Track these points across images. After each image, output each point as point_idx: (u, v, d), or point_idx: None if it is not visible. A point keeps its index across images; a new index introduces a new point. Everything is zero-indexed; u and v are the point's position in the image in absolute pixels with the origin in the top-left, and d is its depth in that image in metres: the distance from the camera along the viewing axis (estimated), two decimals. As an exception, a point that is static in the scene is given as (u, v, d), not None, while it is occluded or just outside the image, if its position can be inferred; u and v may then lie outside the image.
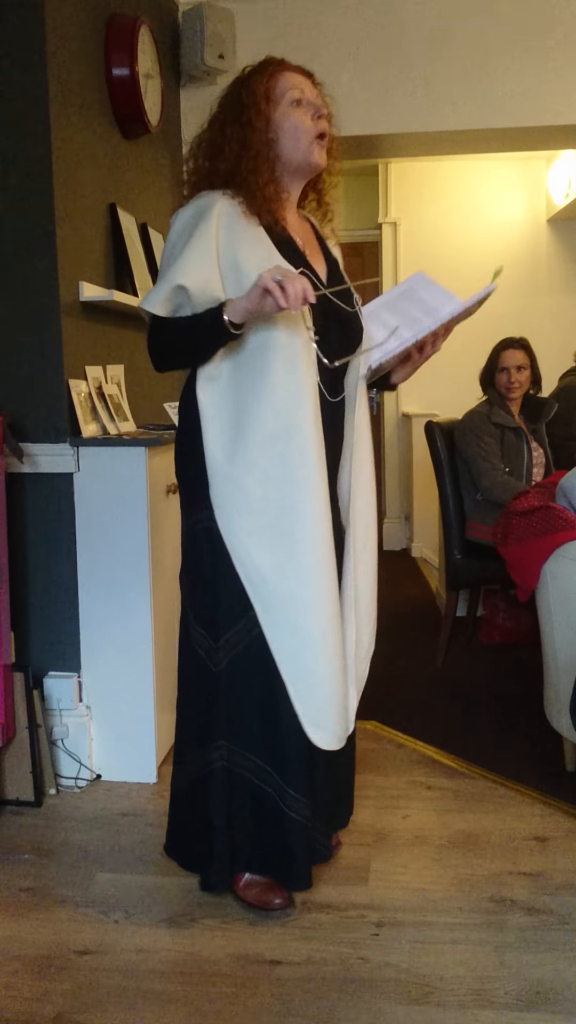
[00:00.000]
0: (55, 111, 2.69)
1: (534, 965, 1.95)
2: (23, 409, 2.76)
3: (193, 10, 3.88)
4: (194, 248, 1.95)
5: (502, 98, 3.99)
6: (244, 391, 1.99)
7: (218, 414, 2.02)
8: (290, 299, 1.80)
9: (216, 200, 2.00)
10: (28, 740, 2.69)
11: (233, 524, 2.01)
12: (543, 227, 6.23)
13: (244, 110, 2.00)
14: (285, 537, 2.00)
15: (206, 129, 2.08)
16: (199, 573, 2.08)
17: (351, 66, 4.02)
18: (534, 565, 2.83)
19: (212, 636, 2.07)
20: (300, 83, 2.06)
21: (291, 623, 2.02)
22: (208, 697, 2.09)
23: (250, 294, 1.86)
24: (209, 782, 2.10)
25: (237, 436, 1.99)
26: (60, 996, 1.88)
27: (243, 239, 1.98)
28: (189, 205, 2.04)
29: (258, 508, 1.99)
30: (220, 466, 2.01)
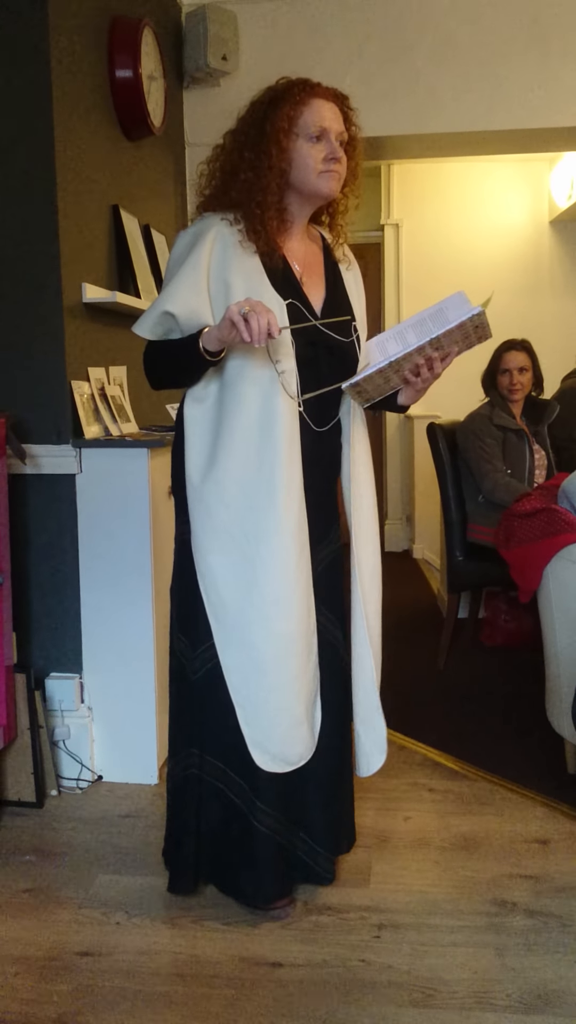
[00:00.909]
0: (58, 113, 2.70)
1: (536, 968, 1.95)
2: (26, 410, 2.76)
3: (196, 12, 3.88)
4: (185, 275, 1.97)
5: (505, 100, 3.99)
6: (224, 415, 2.01)
7: (199, 434, 2.05)
8: (253, 333, 1.80)
9: (212, 225, 2.00)
10: (30, 741, 2.69)
11: (200, 542, 2.04)
12: (545, 229, 6.22)
13: (263, 139, 1.97)
14: (248, 563, 1.99)
15: (225, 146, 2.07)
16: (183, 583, 2.12)
17: (354, 67, 4.02)
18: (536, 567, 2.83)
19: (191, 645, 2.10)
20: (326, 114, 1.99)
21: (244, 647, 2.01)
22: (185, 703, 2.13)
23: (220, 324, 1.87)
24: (183, 788, 2.14)
25: (212, 457, 2.01)
26: (61, 997, 1.88)
27: (236, 267, 1.98)
28: (188, 229, 2.06)
29: (222, 530, 2.00)
30: (194, 485, 2.04)
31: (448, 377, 3.90)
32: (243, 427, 1.98)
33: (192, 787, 2.12)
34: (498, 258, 6.21)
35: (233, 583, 2.00)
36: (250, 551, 1.99)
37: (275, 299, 1.97)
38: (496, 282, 6.17)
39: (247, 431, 1.98)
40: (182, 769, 2.14)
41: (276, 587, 1.98)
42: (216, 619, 2.03)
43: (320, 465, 2.09)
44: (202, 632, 2.07)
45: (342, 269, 2.22)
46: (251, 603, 1.99)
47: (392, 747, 3.10)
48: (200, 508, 2.03)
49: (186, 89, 4.10)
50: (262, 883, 2.12)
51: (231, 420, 1.99)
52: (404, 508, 6.65)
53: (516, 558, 2.99)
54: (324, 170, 2.00)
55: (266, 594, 1.99)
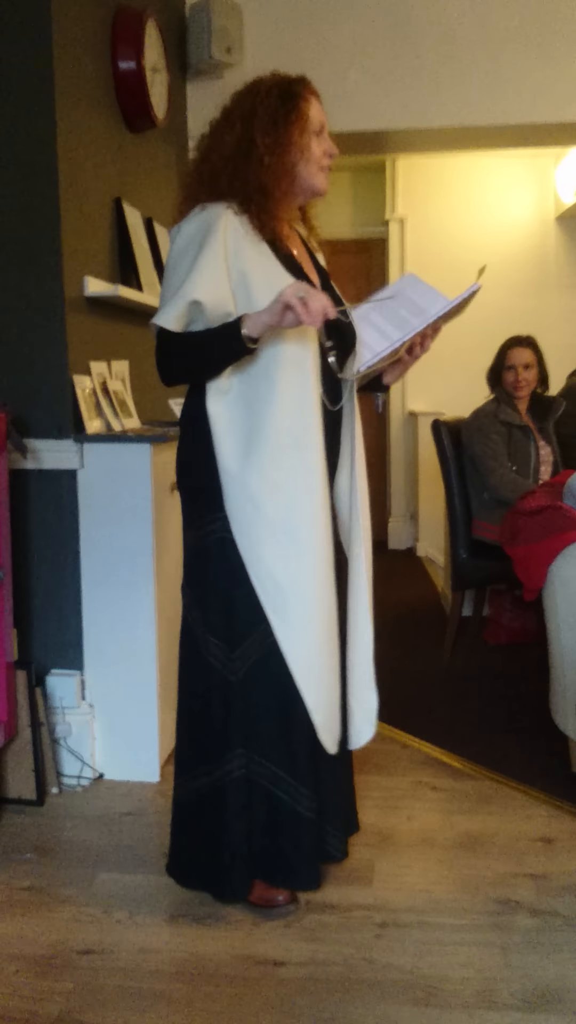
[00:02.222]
0: (61, 105, 2.68)
1: (539, 967, 1.94)
2: (27, 405, 2.74)
3: (200, 4, 3.86)
4: (206, 262, 1.95)
5: (511, 94, 3.97)
6: (255, 404, 2.01)
7: (230, 427, 2.03)
8: (312, 315, 1.83)
9: (221, 214, 1.99)
10: (31, 738, 2.68)
11: (249, 536, 2.02)
12: (551, 225, 6.20)
13: (282, 128, 2.00)
14: (297, 546, 2.02)
15: (235, 132, 2.04)
16: (211, 584, 2.07)
17: (359, 61, 4.00)
18: (541, 565, 2.81)
19: (229, 646, 2.06)
20: (321, 112, 2.09)
21: (306, 631, 2.04)
22: (225, 707, 2.08)
23: (271, 309, 1.87)
24: (227, 792, 2.08)
25: (250, 449, 2.00)
26: (62, 996, 1.87)
27: (250, 255, 1.99)
28: (193, 218, 2.02)
29: (272, 519, 2.01)
30: (234, 479, 2.02)
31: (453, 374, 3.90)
32: (280, 414, 1.99)
33: (238, 789, 2.08)
34: (503, 254, 6.19)
35: (285, 569, 2.02)
36: (299, 533, 2.02)
37: (308, 285, 1.99)
38: (501, 278, 6.15)
39: (285, 418, 2.00)
40: (223, 773, 2.08)
41: (319, 566, 2.04)
42: (274, 609, 2.03)
43: (332, 443, 2.13)
44: (238, 631, 2.05)
45: (317, 256, 2.27)
46: (304, 583, 2.03)
47: (395, 745, 3.09)
48: (243, 501, 2.01)
49: (189, 81, 4.08)
50: (310, 870, 2.14)
51: (267, 405, 1.99)
52: (408, 505, 6.64)
53: (521, 556, 2.97)
54: (324, 166, 2.10)
55: (314, 573, 2.04)
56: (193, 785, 2.13)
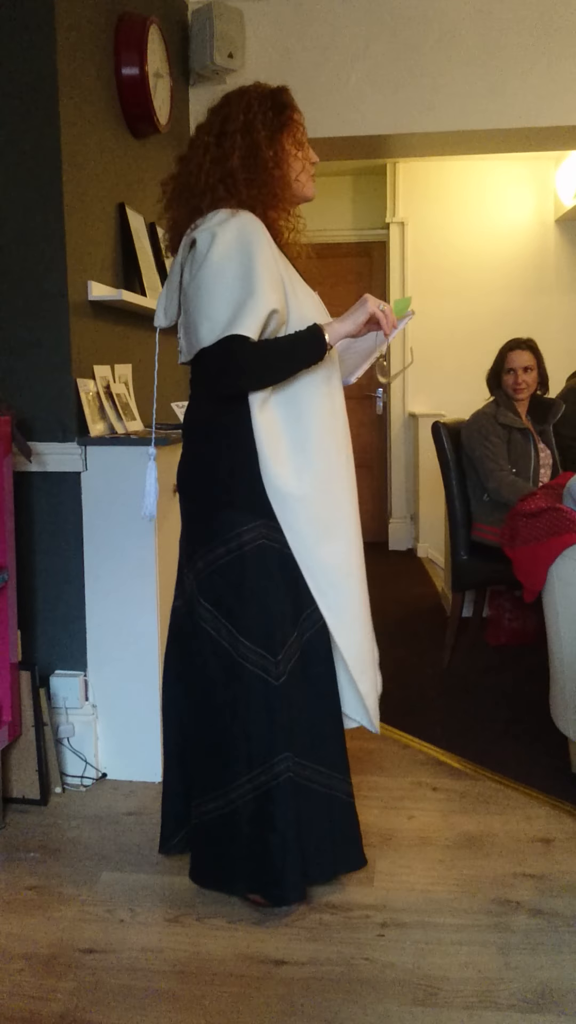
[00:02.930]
0: (65, 110, 2.70)
1: (540, 967, 1.95)
2: (31, 408, 2.76)
3: (202, 9, 3.88)
4: (267, 268, 1.95)
5: (511, 98, 3.99)
6: (298, 410, 2.07)
7: (274, 437, 2.04)
8: (392, 326, 1.99)
9: (253, 219, 2.00)
10: (34, 738, 2.70)
11: (306, 538, 2.07)
12: (551, 227, 6.22)
13: (286, 140, 2.06)
14: (347, 544, 2.14)
15: (207, 149, 2.05)
16: (249, 591, 2.06)
17: (360, 66, 4.02)
18: (541, 566, 2.83)
19: (271, 652, 2.06)
20: (302, 119, 2.14)
21: (357, 623, 2.16)
22: (269, 712, 2.07)
23: (355, 320, 2.01)
24: (276, 796, 2.06)
25: (301, 453, 2.07)
26: (65, 995, 1.88)
27: (281, 261, 2.05)
28: (227, 223, 1.96)
29: (325, 518, 2.09)
30: (288, 483, 2.04)
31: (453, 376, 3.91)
32: (323, 417, 2.09)
33: (287, 792, 2.06)
34: (503, 257, 6.21)
35: (336, 563, 2.11)
36: (343, 528, 2.13)
37: (310, 291, 2.10)
38: (501, 281, 6.17)
39: (324, 419, 2.09)
40: (271, 778, 2.06)
41: (358, 555, 2.17)
42: (329, 608, 2.11)
43: None
44: (281, 633, 2.07)
45: None
46: (356, 581, 2.16)
47: (396, 746, 3.11)
48: (298, 505, 2.05)
49: (192, 87, 4.10)
50: (359, 851, 2.26)
51: (312, 413, 2.08)
52: (408, 507, 6.65)
53: (521, 557, 2.98)
54: (312, 174, 2.16)
55: (359, 570, 2.17)
56: (235, 795, 2.09)
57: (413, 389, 6.43)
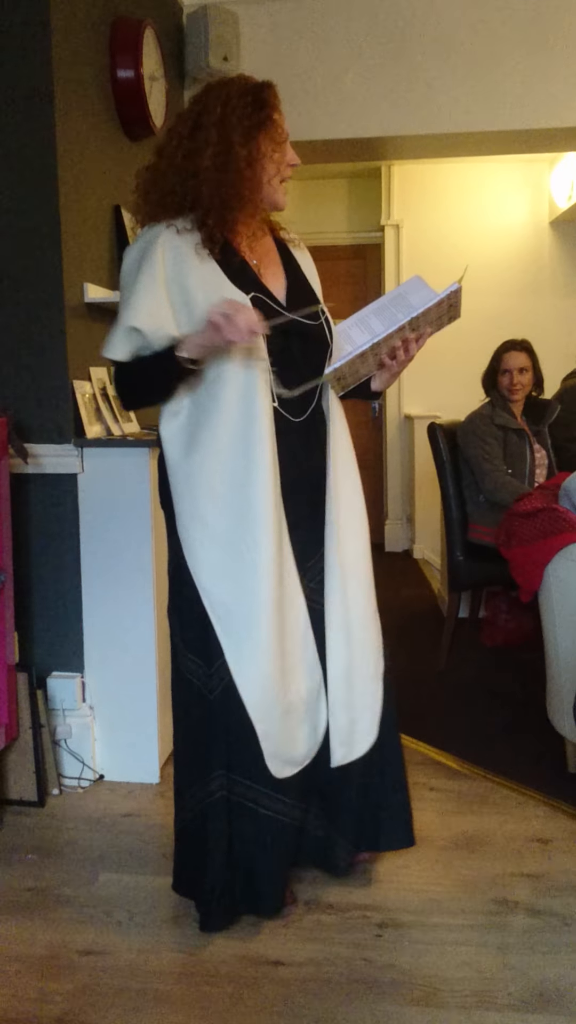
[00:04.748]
0: (60, 113, 2.70)
1: (537, 967, 1.95)
2: (28, 410, 2.76)
3: (197, 12, 3.89)
4: (142, 287, 1.92)
5: (505, 100, 4.00)
6: (198, 426, 1.98)
7: (175, 449, 2.02)
8: (239, 331, 1.81)
9: (159, 234, 1.95)
10: (31, 740, 2.70)
11: (197, 557, 2.00)
12: (545, 229, 6.23)
13: (240, 139, 1.92)
14: (243, 564, 1.97)
15: (181, 147, 1.98)
16: (187, 600, 2.04)
17: (354, 68, 4.03)
18: (537, 567, 2.83)
19: (206, 663, 2.03)
20: (283, 120, 2.02)
21: (252, 654, 1.98)
22: (205, 725, 2.04)
23: (201, 330, 1.86)
24: (209, 814, 2.03)
25: (190, 471, 1.98)
26: (63, 997, 1.88)
27: (192, 272, 1.94)
28: (135, 243, 2.00)
29: (221, 539, 1.98)
30: (182, 499, 2.01)
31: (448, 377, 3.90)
32: (224, 429, 1.95)
33: (220, 812, 2.03)
34: (498, 258, 6.22)
35: (232, 591, 1.98)
36: (246, 554, 1.96)
37: (238, 295, 1.93)
38: (496, 283, 6.17)
39: (229, 432, 1.95)
40: (205, 795, 2.03)
41: (265, 586, 1.96)
42: (224, 632, 1.99)
43: (303, 455, 2.06)
44: (214, 647, 2.01)
45: (294, 251, 2.18)
46: (253, 608, 1.97)
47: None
48: (192, 522, 1.99)
49: (187, 89, 4.11)
50: (279, 890, 2.11)
51: (210, 424, 1.96)
52: (404, 508, 6.66)
53: (517, 557, 2.99)
54: (285, 177, 2.03)
55: (260, 593, 1.97)
56: (185, 806, 2.09)
57: (409, 391, 6.44)
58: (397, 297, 2.12)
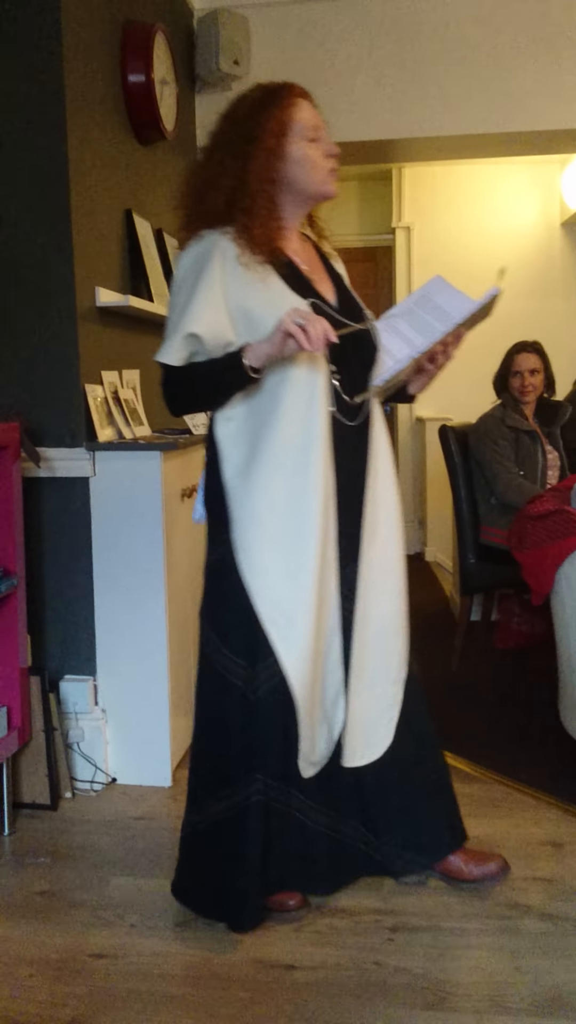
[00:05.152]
0: (71, 117, 2.71)
1: (550, 971, 1.95)
2: (40, 414, 2.77)
3: (208, 16, 3.89)
4: (201, 293, 1.92)
5: (516, 102, 3.99)
6: (259, 425, 1.99)
7: (234, 451, 2.02)
8: (312, 341, 1.82)
9: (216, 242, 1.96)
10: (44, 743, 2.70)
11: (252, 559, 2.00)
12: (557, 231, 6.21)
13: (253, 145, 1.95)
14: (297, 570, 1.99)
15: (204, 158, 2.03)
16: (231, 601, 2.04)
17: (365, 71, 4.03)
18: (549, 569, 2.82)
19: (249, 664, 2.03)
20: (314, 112, 2.03)
21: (303, 656, 2.01)
22: (244, 728, 2.04)
23: (272, 338, 1.86)
24: (244, 818, 2.03)
25: (251, 467, 1.99)
26: (75, 1000, 1.89)
27: (248, 280, 1.95)
28: (190, 248, 2.00)
29: (277, 542, 1.99)
30: (240, 501, 2.01)
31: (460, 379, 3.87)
32: (283, 432, 1.96)
33: (256, 816, 2.03)
34: (509, 260, 6.19)
35: (289, 594, 1.99)
36: (301, 559, 1.98)
37: (297, 302, 1.96)
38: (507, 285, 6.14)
39: (288, 436, 1.97)
40: (243, 798, 2.03)
41: (313, 589, 2.00)
42: (279, 636, 1.99)
43: (353, 460, 2.08)
44: (259, 648, 2.01)
45: (333, 263, 2.22)
46: (303, 607, 2.00)
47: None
48: (247, 521, 1.99)
49: (198, 93, 4.12)
50: (321, 875, 2.17)
51: (269, 427, 1.97)
52: (416, 510, 6.65)
53: (529, 560, 2.98)
54: (326, 167, 2.03)
55: (308, 602, 2.00)
56: (211, 810, 2.08)
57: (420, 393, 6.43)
58: (422, 299, 2.14)
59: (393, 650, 2.20)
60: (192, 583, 3.12)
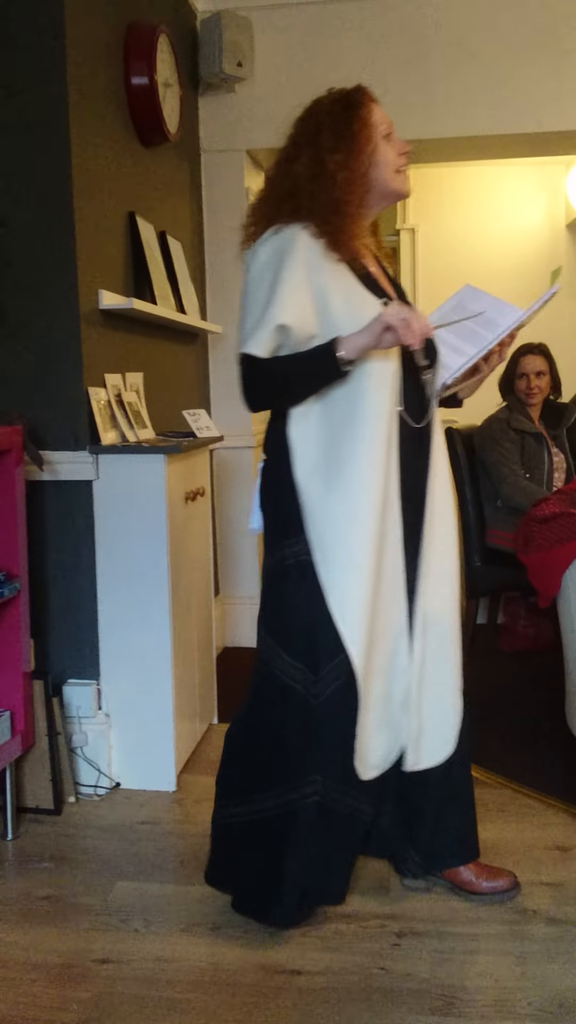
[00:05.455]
0: (74, 119, 2.71)
1: (557, 976, 1.93)
2: (43, 417, 2.77)
3: (211, 18, 3.89)
4: (288, 284, 1.91)
5: (521, 103, 3.98)
6: (337, 427, 1.98)
7: (309, 450, 2.00)
8: (414, 335, 1.83)
9: (296, 234, 1.95)
10: (48, 748, 2.69)
11: (329, 560, 1.99)
12: (562, 232, 6.20)
13: (346, 143, 1.98)
14: (380, 571, 2.01)
15: (299, 155, 2.02)
16: (293, 607, 2.04)
17: (369, 72, 4.02)
18: (555, 572, 2.81)
19: (311, 668, 2.03)
20: (384, 114, 2.09)
21: (377, 661, 2.04)
22: (305, 732, 2.04)
23: (371, 330, 1.86)
24: (298, 817, 2.03)
25: (332, 472, 1.98)
26: (80, 1005, 1.88)
27: (328, 274, 1.95)
28: (268, 240, 1.99)
29: (352, 544, 1.98)
30: (317, 502, 1.99)
31: (465, 381, 3.73)
32: (363, 436, 1.96)
33: (310, 815, 2.04)
34: (514, 262, 6.19)
35: (367, 595, 1.99)
36: (376, 558, 2.00)
37: (374, 301, 1.97)
38: (512, 286, 6.14)
39: (367, 440, 1.96)
40: (301, 798, 2.03)
41: (389, 589, 2.05)
42: (352, 641, 1.99)
43: (414, 460, 2.09)
44: (321, 653, 2.01)
45: (385, 263, 2.22)
46: (380, 608, 2.02)
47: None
48: (326, 526, 1.98)
49: (201, 95, 4.11)
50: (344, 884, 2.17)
51: (348, 431, 1.96)
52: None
53: (535, 563, 2.97)
54: (401, 167, 2.08)
55: (384, 596, 2.03)
56: (261, 805, 2.07)
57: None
58: (457, 307, 2.16)
59: (452, 657, 2.22)
60: (196, 587, 3.11)
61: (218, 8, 3.96)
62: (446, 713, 2.21)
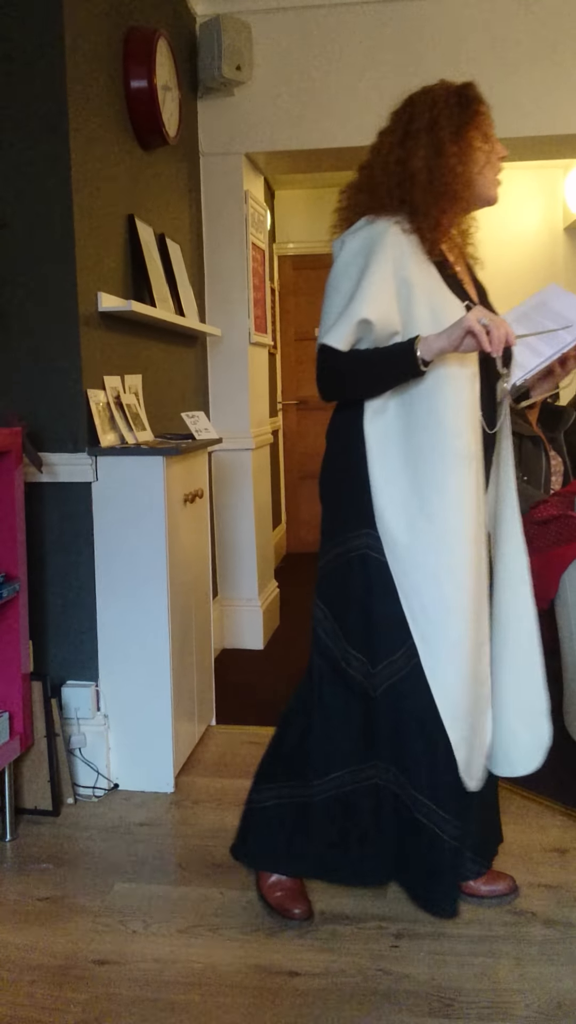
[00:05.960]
0: (74, 122, 2.71)
1: (554, 978, 1.94)
2: (42, 419, 2.77)
3: (210, 22, 3.90)
4: (374, 279, 1.90)
5: (519, 107, 3.99)
6: (415, 427, 1.96)
7: (388, 448, 1.99)
8: (495, 343, 1.82)
9: (387, 229, 1.94)
10: (46, 749, 2.70)
11: (402, 560, 1.98)
12: (560, 236, 6.22)
13: (457, 143, 1.96)
14: (453, 574, 1.98)
15: (404, 149, 1.99)
16: (354, 599, 2.04)
17: (367, 75, 4.03)
18: (553, 574, 2.81)
19: (371, 661, 2.04)
20: (489, 117, 2.06)
21: (454, 661, 2.00)
22: (367, 722, 2.07)
23: (451, 334, 1.84)
24: (359, 798, 2.09)
25: (409, 472, 1.97)
26: (78, 1006, 1.88)
27: (415, 271, 1.93)
28: (358, 232, 1.98)
29: (429, 544, 1.97)
30: (393, 501, 1.98)
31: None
32: (442, 439, 1.94)
33: (370, 796, 2.09)
34: (512, 265, 6.21)
35: (439, 597, 1.98)
36: (453, 562, 1.97)
37: (457, 304, 1.95)
38: (511, 289, 6.14)
39: (446, 442, 1.94)
40: (355, 780, 2.08)
41: (472, 598, 2.00)
42: (423, 637, 2.00)
43: (487, 465, 2.08)
44: (380, 647, 2.02)
45: (474, 268, 2.20)
46: (457, 616, 1.98)
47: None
48: (402, 525, 1.97)
49: (200, 99, 4.12)
50: (451, 895, 2.14)
51: (428, 432, 1.94)
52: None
53: (533, 565, 2.96)
54: (496, 170, 2.06)
55: (465, 606, 1.99)
56: (322, 785, 2.10)
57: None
58: (539, 306, 2.13)
59: (536, 663, 2.13)
60: (194, 589, 3.12)
61: (217, 12, 3.97)
62: (534, 719, 2.14)
